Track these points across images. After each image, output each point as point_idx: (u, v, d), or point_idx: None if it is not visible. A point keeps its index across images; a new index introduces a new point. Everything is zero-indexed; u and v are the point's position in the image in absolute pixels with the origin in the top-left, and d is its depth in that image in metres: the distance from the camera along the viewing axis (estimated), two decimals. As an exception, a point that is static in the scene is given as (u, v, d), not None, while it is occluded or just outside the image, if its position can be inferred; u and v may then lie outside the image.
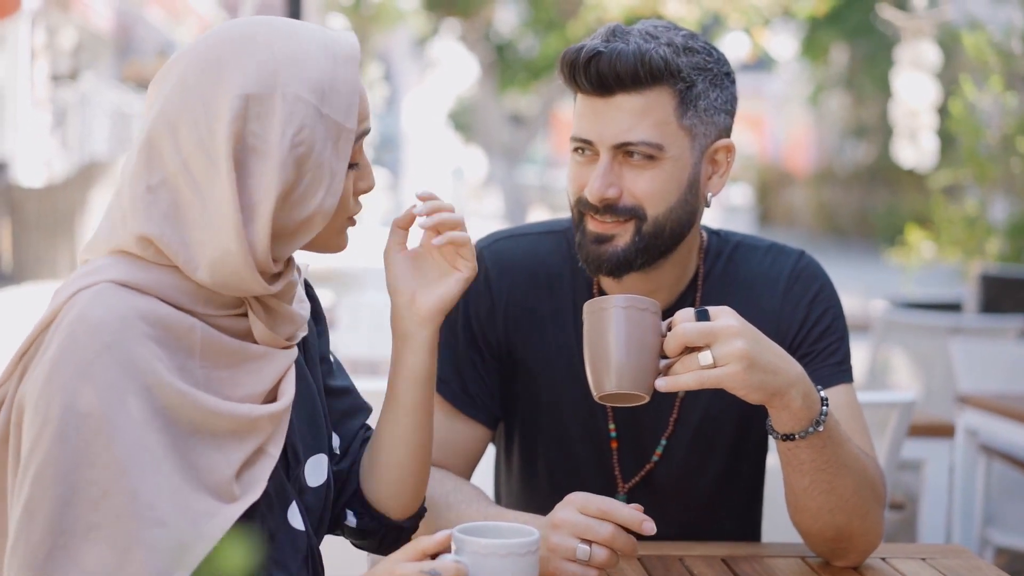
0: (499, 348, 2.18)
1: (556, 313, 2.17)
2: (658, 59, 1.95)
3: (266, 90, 1.57)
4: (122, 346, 1.50)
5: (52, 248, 13.21)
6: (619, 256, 2.02)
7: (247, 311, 1.64)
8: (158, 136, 1.58)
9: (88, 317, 1.50)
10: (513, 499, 2.27)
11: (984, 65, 7.69)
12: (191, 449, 1.53)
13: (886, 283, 10.10)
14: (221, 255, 1.56)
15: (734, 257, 2.19)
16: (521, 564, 1.58)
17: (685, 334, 1.73)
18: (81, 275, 1.58)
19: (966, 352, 4.74)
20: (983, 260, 7.41)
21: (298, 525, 1.68)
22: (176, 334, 1.56)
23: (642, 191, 1.99)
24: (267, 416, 1.61)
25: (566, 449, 2.17)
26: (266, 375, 1.64)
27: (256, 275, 1.57)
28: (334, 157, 1.61)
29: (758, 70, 28.89)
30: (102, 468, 1.46)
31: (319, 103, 1.59)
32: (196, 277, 1.57)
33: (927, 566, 1.99)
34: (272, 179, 1.56)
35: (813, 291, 2.16)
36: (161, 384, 1.51)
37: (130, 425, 1.48)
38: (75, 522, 1.46)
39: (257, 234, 1.57)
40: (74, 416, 1.47)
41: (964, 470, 4.27)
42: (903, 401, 3.07)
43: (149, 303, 1.55)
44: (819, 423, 1.83)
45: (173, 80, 1.60)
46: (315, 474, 1.74)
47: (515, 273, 2.18)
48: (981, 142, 7.67)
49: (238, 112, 1.55)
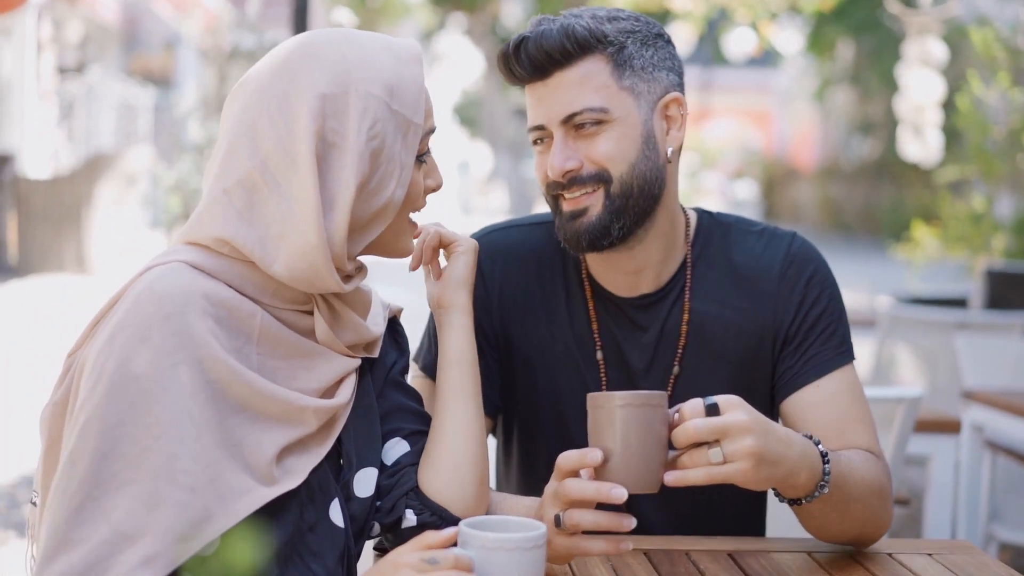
0: (496, 338, 2.20)
1: (549, 300, 2.20)
2: (582, 30, 2.02)
3: (340, 89, 1.68)
4: (182, 317, 1.58)
5: (58, 241, 13.21)
6: (595, 225, 2.05)
7: (312, 309, 1.72)
8: (235, 141, 1.69)
9: (155, 288, 1.60)
10: (513, 489, 2.28)
11: (991, 61, 7.68)
12: (237, 425, 1.60)
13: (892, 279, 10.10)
14: (300, 246, 1.64)
15: (727, 240, 2.21)
16: (527, 558, 1.58)
17: (697, 432, 1.72)
18: (157, 256, 1.68)
19: (972, 348, 4.73)
20: (989, 256, 7.40)
21: (339, 522, 1.73)
22: (237, 316, 1.64)
23: (600, 154, 2.04)
24: (314, 408, 1.68)
25: (565, 437, 2.18)
26: (322, 373, 1.72)
27: (332, 268, 1.66)
28: (403, 151, 1.72)
29: (764, 65, 28.89)
30: (144, 428, 1.54)
31: (389, 99, 1.69)
32: (272, 271, 1.66)
33: (933, 562, 1.99)
34: (351, 172, 1.66)
35: (808, 273, 2.18)
36: (214, 358, 1.59)
37: (177, 392, 1.56)
38: (112, 477, 1.53)
39: (336, 224, 1.66)
40: (126, 376, 1.55)
41: (969, 466, 4.27)
42: (909, 397, 3.07)
43: (215, 285, 1.64)
44: (823, 485, 1.86)
45: (248, 90, 1.71)
46: (364, 486, 1.80)
47: (508, 262, 2.22)
48: (988, 138, 7.66)
49: (317, 111, 1.66)
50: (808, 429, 2.09)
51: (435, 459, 1.85)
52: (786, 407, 2.15)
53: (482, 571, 1.56)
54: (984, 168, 7.69)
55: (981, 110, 7.78)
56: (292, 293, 1.70)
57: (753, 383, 2.17)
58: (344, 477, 1.77)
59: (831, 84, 25.59)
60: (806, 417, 2.11)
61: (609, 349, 2.18)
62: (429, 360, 2.18)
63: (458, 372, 1.89)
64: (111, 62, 20.23)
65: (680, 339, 2.16)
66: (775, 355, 2.16)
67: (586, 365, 2.18)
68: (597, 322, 2.18)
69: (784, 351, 2.15)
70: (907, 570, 1.95)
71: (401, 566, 1.54)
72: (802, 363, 2.13)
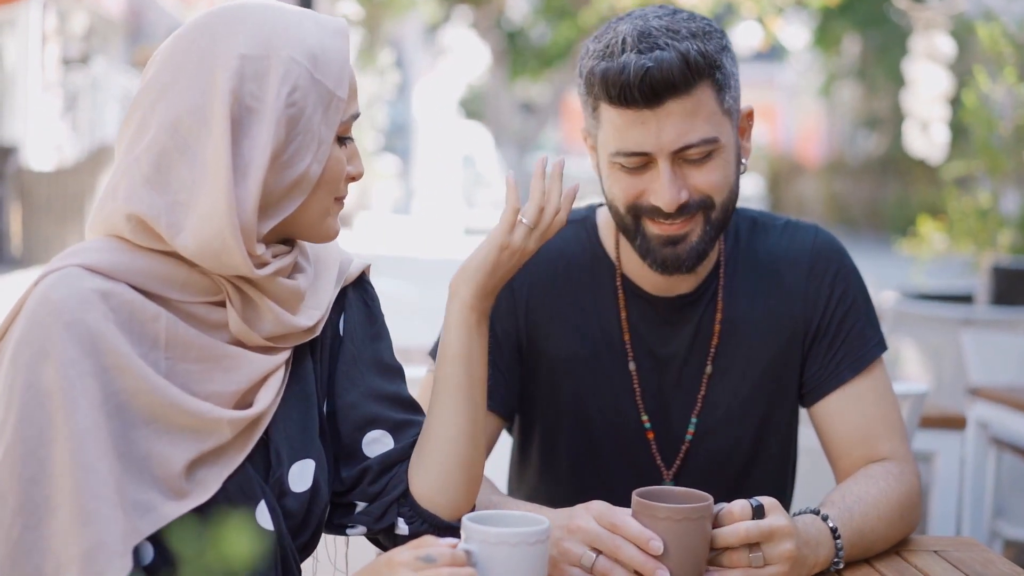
0: (519, 340, 2.16)
1: (577, 304, 2.17)
2: (699, 56, 1.95)
3: (262, 51, 1.59)
4: (82, 325, 1.51)
5: (62, 232, 13.21)
6: (695, 250, 2.03)
7: (224, 300, 1.62)
8: (146, 104, 1.60)
9: (50, 298, 1.52)
10: (529, 491, 2.26)
11: (998, 56, 7.65)
12: (143, 438, 1.53)
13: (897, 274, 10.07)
14: (208, 213, 1.55)
15: (753, 235, 2.20)
16: (530, 553, 1.57)
17: (748, 535, 1.74)
18: (53, 260, 1.59)
19: (977, 344, 4.72)
20: (995, 252, 7.38)
21: (266, 525, 1.65)
22: (140, 319, 1.55)
23: (706, 184, 2.00)
24: (228, 420, 1.59)
25: (589, 440, 2.17)
26: (241, 375, 1.62)
27: (240, 241, 1.56)
28: (323, 124, 1.62)
29: (770, 60, 28.85)
30: (63, 443, 1.47)
31: (312, 68, 1.61)
32: (177, 242, 1.56)
33: (939, 559, 1.98)
34: (266, 138, 1.57)
35: (835, 267, 2.18)
36: (121, 366, 1.52)
37: (87, 403, 1.49)
38: (44, 501, 1.47)
39: (247, 191, 1.56)
40: (36, 394, 1.48)
41: (975, 462, 4.25)
42: (915, 392, 3.05)
43: (115, 287, 1.55)
44: (838, 562, 1.90)
45: (165, 52, 1.62)
46: (300, 480, 1.70)
47: (535, 264, 2.16)
48: (994, 134, 7.63)
49: (235, 71, 1.57)
50: (835, 440, 2.12)
51: (424, 461, 1.77)
52: (815, 414, 2.16)
53: (484, 565, 1.55)
54: (990, 164, 7.66)
55: (988, 106, 7.75)
56: (201, 283, 1.60)
57: (782, 381, 2.17)
58: (275, 474, 1.67)
59: (837, 79, 25.55)
60: (835, 427, 2.13)
61: (640, 354, 2.15)
62: None
63: (459, 370, 1.78)
64: (115, 54, 20.22)
65: (713, 338, 2.15)
66: (804, 352, 2.16)
67: (614, 369, 2.15)
68: (628, 324, 2.15)
69: (813, 348, 2.15)
70: (912, 567, 1.94)
71: (396, 565, 1.50)
72: (830, 361, 2.14)
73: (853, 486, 2.01)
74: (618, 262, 2.17)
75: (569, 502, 1.85)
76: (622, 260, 2.16)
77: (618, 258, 2.17)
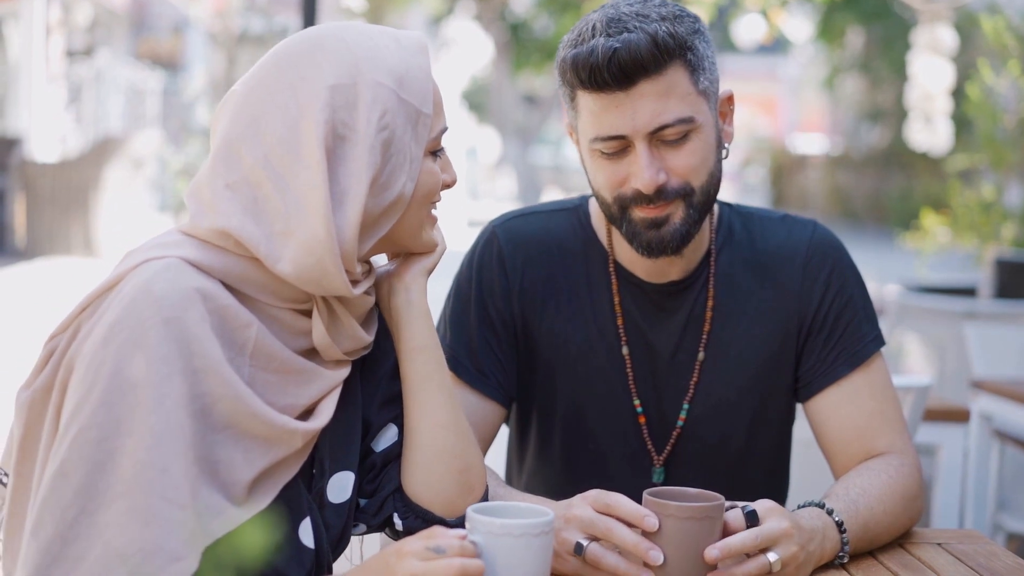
0: (514, 326, 2.18)
1: (571, 289, 2.18)
2: (668, 37, 1.96)
3: (349, 80, 1.62)
4: (180, 323, 1.51)
5: (65, 224, 13.21)
6: (678, 232, 2.03)
7: (311, 309, 1.65)
8: (236, 137, 1.62)
9: (152, 288, 1.52)
10: (527, 479, 2.27)
11: (1002, 49, 7.65)
12: (219, 443, 1.54)
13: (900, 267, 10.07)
14: (308, 243, 1.58)
15: (749, 228, 2.21)
16: (535, 544, 1.57)
17: (744, 548, 1.73)
18: (154, 245, 1.60)
19: (981, 337, 4.72)
20: (998, 245, 7.37)
21: (308, 542, 1.66)
22: (232, 326, 1.57)
23: (684, 167, 2.00)
24: (302, 432, 1.61)
25: (583, 425, 2.18)
26: (311, 390, 1.65)
27: (340, 266, 1.59)
28: (413, 142, 1.66)
29: (773, 53, 28.83)
30: (138, 439, 1.47)
31: (398, 88, 1.64)
32: (278, 269, 1.59)
33: (943, 551, 1.98)
34: (363, 165, 1.60)
35: (831, 263, 2.18)
36: (210, 370, 1.52)
37: (172, 403, 1.49)
38: (106, 489, 1.47)
39: (347, 219, 1.60)
40: (122, 384, 1.48)
41: (978, 455, 4.25)
42: (918, 386, 3.06)
43: (214, 287, 1.57)
44: (843, 556, 1.90)
45: (249, 86, 1.65)
46: (339, 491, 1.73)
47: (529, 250, 2.18)
48: (998, 127, 7.63)
49: (327, 102, 1.60)
50: (830, 436, 2.13)
51: (409, 456, 1.78)
52: (810, 410, 2.16)
53: (489, 557, 1.55)
54: (994, 157, 7.66)
55: (991, 99, 7.75)
56: (293, 292, 1.63)
57: (777, 375, 2.17)
58: (317, 485, 1.70)
59: (840, 72, 25.52)
60: (830, 423, 2.13)
61: (634, 339, 2.17)
62: (445, 350, 2.14)
63: (423, 361, 1.79)
64: (119, 46, 20.22)
65: (705, 324, 2.16)
66: (799, 347, 2.16)
67: (608, 354, 2.17)
68: (622, 311, 2.17)
69: (808, 343, 2.16)
70: (916, 559, 1.94)
71: (405, 554, 1.51)
72: (826, 357, 2.14)
73: (857, 478, 2.01)
74: (610, 249, 2.18)
75: (563, 486, 1.86)
76: (614, 247, 2.18)
77: (610, 245, 2.18)
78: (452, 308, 2.19)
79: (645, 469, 2.17)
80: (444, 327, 2.18)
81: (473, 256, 2.21)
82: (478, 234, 2.24)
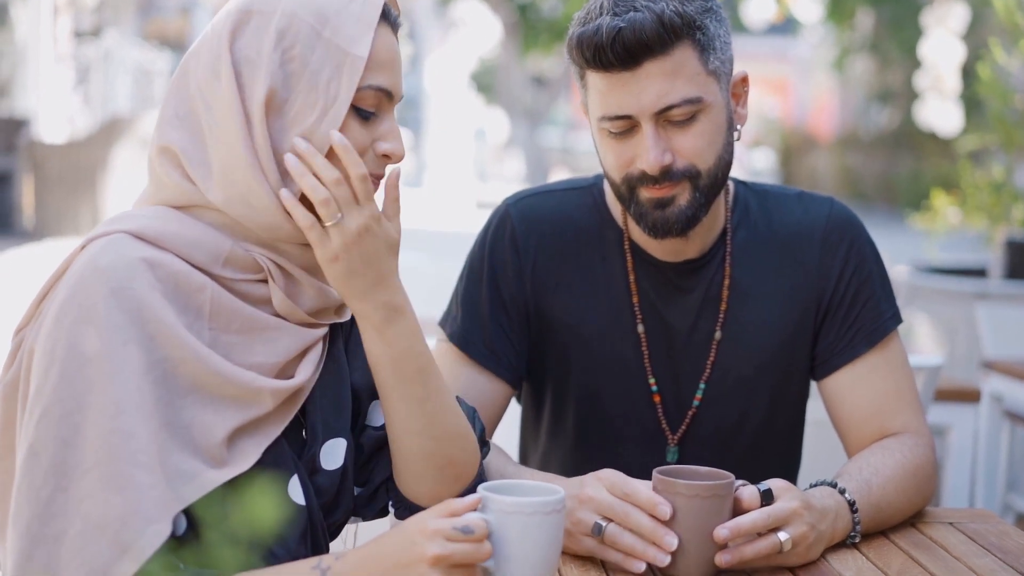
0: (526, 306, 2.17)
1: (586, 268, 2.17)
2: (675, 16, 1.94)
3: (268, 8, 1.61)
4: (129, 291, 1.51)
5: (74, 204, 13.22)
6: (684, 213, 2.02)
7: (267, 278, 1.63)
8: (183, 69, 1.65)
9: (97, 262, 1.53)
10: (540, 457, 2.26)
11: (1014, 29, 7.61)
12: (186, 406, 1.53)
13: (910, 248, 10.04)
14: (229, 162, 1.58)
15: (765, 206, 2.20)
16: (546, 522, 1.56)
17: (755, 527, 1.74)
18: (101, 225, 1.60)
19: (991, 318, 4.72)
20: (1009, 226, 7.35)
21: (298, 499, 1.65)
22: (185, 291, 1.56)
23: (691, 148, 1.99)
24: (271, 390, 1.59)
25: (598, 405, 2.17)
26: (282, 347, 1.63)
27: (262, 182, 1.58)
28: (335, 83, 1.61)
29: (783, 33, 28.73)
30: (101, 410, 1.47)
31: (318, 24, 1.61)
32: (210, 198, 1.59)
33: (955, 530, 1.98)
34: (260, 85, 1.59)
35: (849, 240, 2.17)
36: (165, 335, 1.52)
37: (130, 370, 1.49)
38: (76, 464, 1.47)
39: (258, 139, 1.59)
40: (78, 358, 1.48)
41: (988, 436, 4.25)
42: (929, 366, 3.05)
43: (161, 255, 1.56)
44: (855, 536, 1.90)
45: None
46: (331, 458, 1.71)
47: (542, 229, 2.17)
48: (1009, 107, 7.60)
49: (236, 23, 1.61)
50: (846, 414, 2.12)
51: (395, 460, 1.76)
52: (825, 388, 2.15)
53: (500, 535, 1.55)
54: (1004, 137, 7.62)
55: (1003, 78, 7.71)
56: (245, 259, 1.60)
57: (794, 354, 2.16)
58: (309, 451, 1.68)
59: (850, 53, 25.44)
60: (846, 402, 2.13)
61: (649, 318, 2.15)
62: (456, 329, 2.15)
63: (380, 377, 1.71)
64: (127, 26, 20.20)
65: (722, 303, 2.14)
66: (817, 325, 2.15)
67: (623, 332, 2.16)
68: (637, 290, 2.16)
69: (827, 321, 2.15)
70: (928, 539, 1.94)
71: (432, 533, 1.47)
72: (844, 334, 2.13)
73: (870, 457, 2.01)
74: (625, 227, 2.17)
75: (577, 465, 1.85)
76: (629, 226, 2.17)
77: (625, 223, 2.17)
78: (464, 287, 2.18)
79: (659, 448, 2.16)
80: (455, 306, 2.18)
81: (486, 235, 2.20)
82: (491, 212, 2.23)
